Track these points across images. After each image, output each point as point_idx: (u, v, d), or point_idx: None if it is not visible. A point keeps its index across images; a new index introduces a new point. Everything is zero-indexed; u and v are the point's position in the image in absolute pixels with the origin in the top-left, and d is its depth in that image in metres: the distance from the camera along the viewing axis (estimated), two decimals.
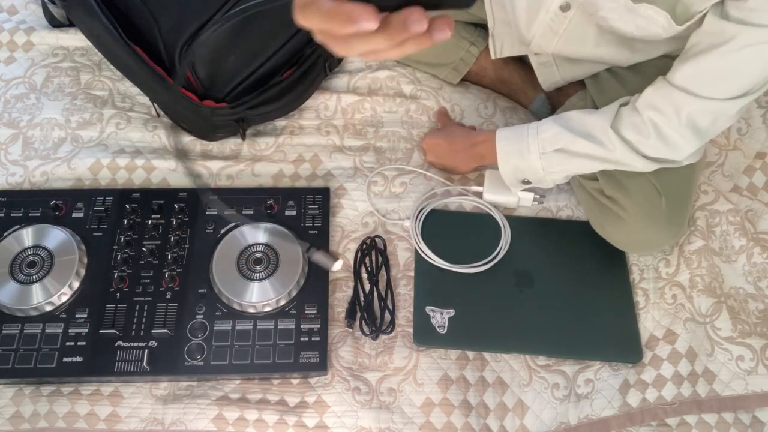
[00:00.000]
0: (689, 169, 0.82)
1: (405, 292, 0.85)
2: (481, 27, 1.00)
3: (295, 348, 0.76)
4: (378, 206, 0.92)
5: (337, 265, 0.66)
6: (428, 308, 0.83)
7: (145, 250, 0.81)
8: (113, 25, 0.87)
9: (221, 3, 0.88)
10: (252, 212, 0.85)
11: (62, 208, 0.84)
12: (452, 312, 0.83)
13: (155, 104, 0.97)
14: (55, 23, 1.05)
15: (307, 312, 0.79)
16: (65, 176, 0.90)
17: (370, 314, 0.82)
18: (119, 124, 0.96)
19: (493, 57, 0.94)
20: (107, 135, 0.95)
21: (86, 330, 0.76)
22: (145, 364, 0.74)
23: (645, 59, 0.84)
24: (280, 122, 0.99)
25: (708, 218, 0.89)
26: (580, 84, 0.92)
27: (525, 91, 1.01)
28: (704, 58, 0.66)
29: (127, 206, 0.84)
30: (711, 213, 0.89)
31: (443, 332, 0.81)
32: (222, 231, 0.83)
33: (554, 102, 0.99)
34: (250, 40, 0.90)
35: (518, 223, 0.91)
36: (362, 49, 0.34)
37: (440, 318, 0.82)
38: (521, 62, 1.02)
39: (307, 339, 0.77)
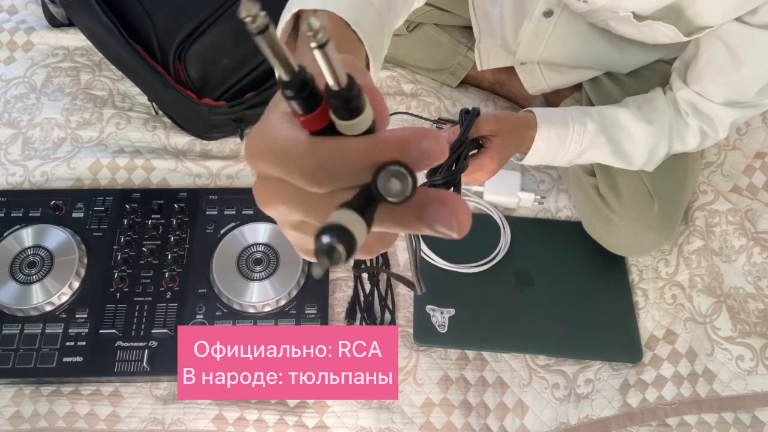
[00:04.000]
0: (684, 173, 0.82)
1: (405, 293, 0.85)
2: None
3: None
4: None
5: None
6: (428, 307, 0.83)
7: (145, 250, 0.81)
8: (113, 23, 0.87)
9: (217, 5, 0.88)
10: (252, 212, 0.85)
11: (62, 208, 0.84)
12: (452, 311, 0.83)
13: (153, 103, 0.97)
14: (55, 23, 1.05)
15: (307, 312, 0.79)
16: (65, 176, 0.90)
17: (370, 314, 0.82)
18: (119, 124, 0.96)
19: (479, 69, 0.95)
20: (107, 135, 0.95)
21: (86, 330, 0.76)
22: (145, 364, 0.74)
23: (633, 62, 0.84)
24: None
25: (707, 218, 0.89)
26: (574, 85, 0.92)
27: (523, 94, 1.02)
28: (742, 68, 0.65)
29: (127, 206, 0.84)
30: (710, 213, 0.89)
31: (443, 331, 0.81)
32: (222, 231, 0.83)
33: (552, 103, 0.99)
34: (244, 43, 0.90)
35: (518, 223, 0.91)
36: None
37: (440, 317, 0.82)
38: None
39: None
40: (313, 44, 0.19)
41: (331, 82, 0.20)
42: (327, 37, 0.19)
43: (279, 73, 0.20)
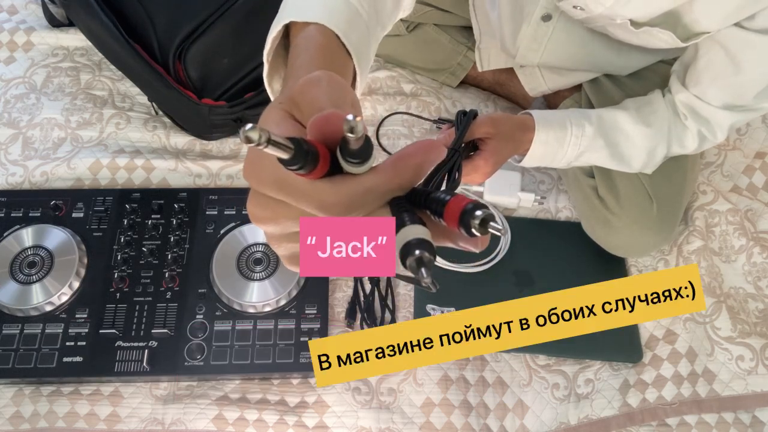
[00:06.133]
0: (683, 174, 0.83)
1: (405, 292, 0.85)
2: None
3: (295, 348, 0.76)
4: None
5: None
6: (429, 306, 0.83)
7: (145, 250, 0.81)
8: (113, 23, 0.87)
9: (217, 5, 0.88)
10: None
11: (62, 208, 0.83)
12: (453, 311, 0.83)
13: (153, 103, 0.97)
14: (55, 23, 1.05)
15: (307, 312, 0.79)
16: (65, 176, 0.90)
17: (371, 314, 0.82)
18: (119, 124, 0.96)
19: (480, 70, 0.95)
20: (107, 135, 0.95)
21: (86, 330, 0.76)
22: (145, 364, 0.74)
23: (632, 65, 0.84)
24: None
25: (707, 218, 0.89)
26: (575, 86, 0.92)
27: (523, 94, 1.02)
28: (740, 72, 0.65)
29: (127, 206, 0.84)
30: (710, 213, 0.89)
31: None
32: (222, 231, 0.83)
33: (551, 104, 0.99)
34: (244, 43, 0.90)
35: (518, 223, 0.91)
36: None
37: None
38: None
39: (307, 339, 0.77)
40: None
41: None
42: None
43: (280, 155, 0.22)
